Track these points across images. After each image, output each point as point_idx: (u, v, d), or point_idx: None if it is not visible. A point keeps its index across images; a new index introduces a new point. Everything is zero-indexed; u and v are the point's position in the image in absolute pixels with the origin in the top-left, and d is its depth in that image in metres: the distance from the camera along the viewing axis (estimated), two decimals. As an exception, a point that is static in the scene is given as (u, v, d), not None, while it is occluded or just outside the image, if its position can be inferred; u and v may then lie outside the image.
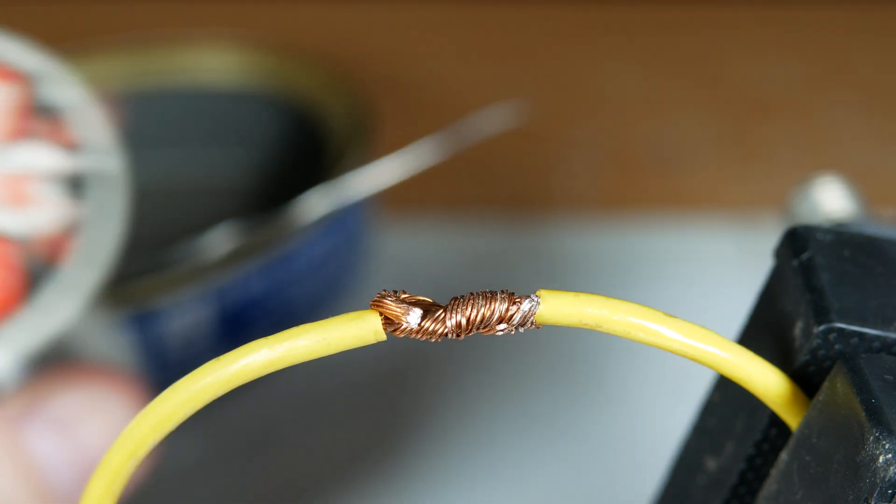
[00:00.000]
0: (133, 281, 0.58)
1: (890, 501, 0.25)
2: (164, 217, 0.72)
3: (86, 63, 0.74)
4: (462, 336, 0.26)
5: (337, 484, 0.57)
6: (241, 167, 0.73)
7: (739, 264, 0.67)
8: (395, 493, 0.57)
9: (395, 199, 0.72)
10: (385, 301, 0.26)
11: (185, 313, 0.58)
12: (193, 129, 0.74)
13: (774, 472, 0.28)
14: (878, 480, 0.24)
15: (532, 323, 0.26)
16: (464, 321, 0.26)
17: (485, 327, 0.26)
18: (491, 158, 0.77)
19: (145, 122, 0.74)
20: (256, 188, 0.73)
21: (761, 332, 0.29)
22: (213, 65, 0.73)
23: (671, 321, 0.26)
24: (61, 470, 0.40)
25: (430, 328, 0.26)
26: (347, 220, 0.64)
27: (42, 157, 0.43)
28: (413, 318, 0.26)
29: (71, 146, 0.44)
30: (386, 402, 0.61)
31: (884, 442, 0.24)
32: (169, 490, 0.56)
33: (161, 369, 0.58)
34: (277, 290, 0.61)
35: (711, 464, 0.31)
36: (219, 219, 0.72)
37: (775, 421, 0.29)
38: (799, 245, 0.28)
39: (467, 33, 0.89)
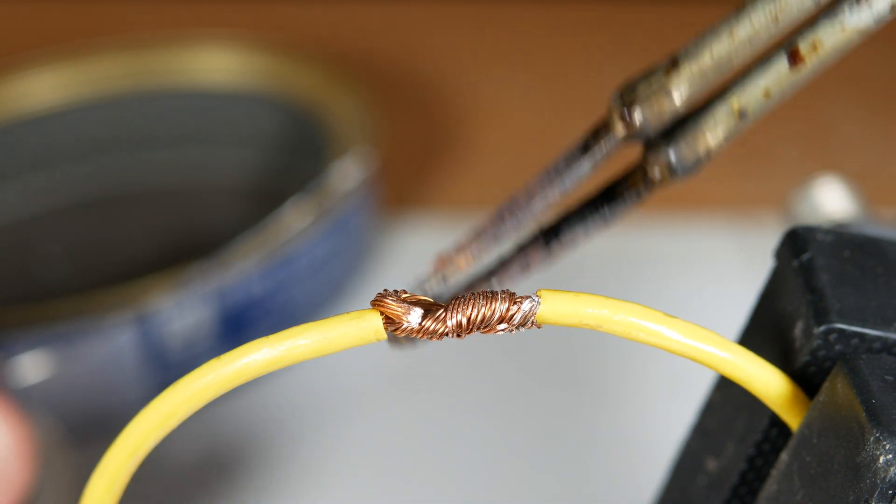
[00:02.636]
0: (134, 281, 0.58)
1: (890, 502, 0.25)
2: (164, 217, 0.72)
3: (86, 63, 0.74)
4: (463, 336, 0.26)
5: (337, 483, 0.57)
6: (241, 167, 0.73)
7: (739, 264, 0.67)
8: (395, 492, 0.57)
9: (394, 198, 0.72)
10: (386, 300, 0.26)
11: (187, 313, 0.58)
12: (193, 129, 0.74)
13: (775, 473, 0.28)
14: (878, 481, 0.24)
15: (532, 323, 0.26)
16: (464, 321, 0.26)
17: (485, 327, 0.26)
18: (491, 158, 0.77)
19: (146, 122, 0.74)
20: (256, 188, 0.73)
21: (762, 333, 0.29)
22: (213, 65, 0.73)
23: (671, 321, 0.26)
24: None
25: (431, 327, 0.26)
26: (347, 219, 0.64)
27: None
28: (414, 317, 0.26)
29: None
30: (386, 401, 0.61)
31: (884, 442, 0.24)
32: (169, 490, 0.56)
33: (162, 369, 0.59)
34: (278, 290, 0.61)
35: (712, 464, 0.31)
36: (219, 219, 0.72)
37: (776, 421, 0.29)
38: (799, 246, 0.28)
39: (468, 33, 0.89)
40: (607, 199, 0.29)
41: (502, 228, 0.29)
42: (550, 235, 0.29)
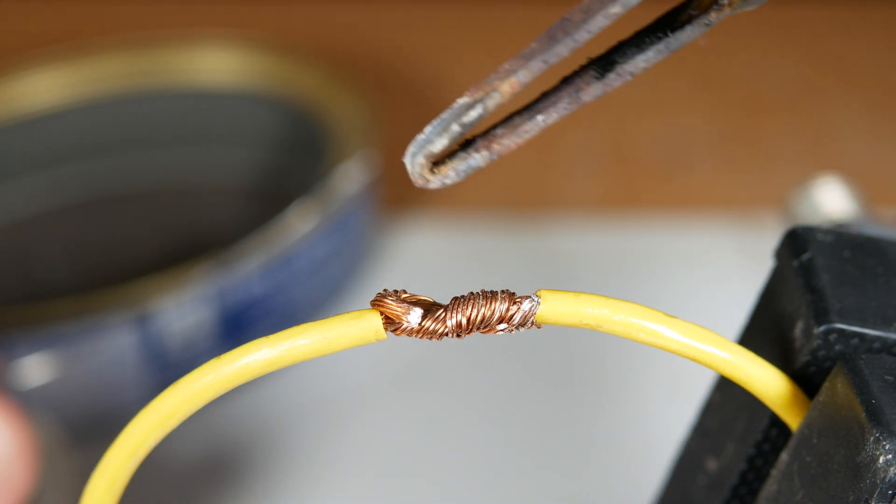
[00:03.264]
0: (134, 281, 0.58)
1: (890, 502, 0.25)
2: (164, 217, 0.72)
3: (86, 63, 0.74)
4: (463, 336, 0.26)
5: (337, 483, 0.57)
6: (241, 167, 0.73)
7: (739, 264, 0.67)
8: (395, 491, 0.57)
9: (395, 199, 0.72)
10: (386, 301, 0.26)
11: (187, 313, 0.58)
12: (193, 129, 0.74)
13: (775, 473, 0.28)
14: (878, 481, 0.24)
15: (532, 323, 0.26)
16: (464, 321, 0.26)
17: (485, 327, 0.26)
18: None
19: (146, 122, 0.74)
20: (256, 188, 0.73)
21: (762, 333, 0.29)
22: (213, 65, 0.73)
23: (671, 321, 0.26)
24: None
25: (431, 327, 0.26)
26: (347, 220, 0.64)
27: None
28: (413, 317, 0.26)
29: None
30: (386, 401, 0.61)
31: (884, 443, 0.24)
32: (169, 490, 0.56)
33: (162, 369, 0.59)
34: (278, 291, 0.61)
35: (712, 464, 0.31)
36: (219, 219, 0.72)
37: (776, 421, 0.29)
38: (799, 246, 0.28)
39: (467, 33, 0.89)
40: (670, 24, 0.25)
41: (554, 49, 0.24)
42: (604, 65, 0.25)
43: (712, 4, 0.25)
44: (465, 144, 0.24)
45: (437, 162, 0.24)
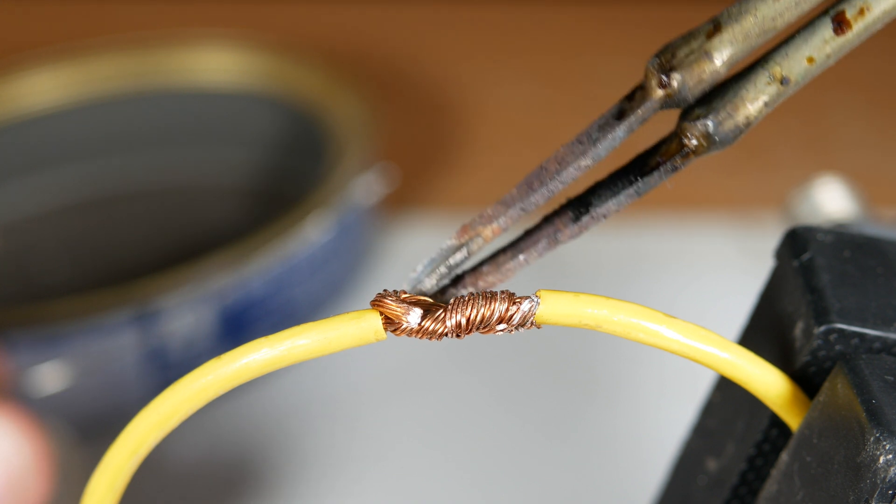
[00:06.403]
0: (134, 281, 0.58)
1: (890, 502, 0.25)
2: (164, 217, 0.72)
3: (86, 63, 0.74)
4: (462, 336, 0.26)
5: (338, 483, 0.57)
6: (241, 167, 0.73)
7: (739, 264, 0.67)
8: (395, 491, 0.57)
9: (395, 199, 0.72)
10: (386, 301, 0.26)
11: (187, 313, 0.58)
12: (193, 129, 0.74)
13: (775, 473, 0.28)
14: (878, 481, 0.24)
15: (532, 323, 0.26)
16: (464, 321, 0.26)
17: (485, 327, 0.26)
18: (491, 158, 0.77)
19: (145, 122, 0.74)
20: (256, 188, 0.73)
21: (762, 333, 0.29)
22: (213, 65, 0.73)
23: (671, 322, 0.26)
24: None
25: (431, 328, 0.26)
26: (348, 220, 0.64)
27: None
28: (413, 317, 0.26)
29: None
30: (386, 402, 0.61)
31: (884, 443, 0.24)
32: (169, 490, 0.56)
33: (162, 369, 0.59)
34: (278, 291, 0.61)
35: (712, 464, 0.31)
36: (219, 219, 0.72)
37: (776, 421, 0.29)
38: (799, 246, 0.28)
39: (468, 33, 0.89)
40: (640, 169, 0.28)
41: (531, 198, 0.27)
42: (580, 207, 0.28)
43: (679, 151, 0.27)
44: (454, 280, 0.27)
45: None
